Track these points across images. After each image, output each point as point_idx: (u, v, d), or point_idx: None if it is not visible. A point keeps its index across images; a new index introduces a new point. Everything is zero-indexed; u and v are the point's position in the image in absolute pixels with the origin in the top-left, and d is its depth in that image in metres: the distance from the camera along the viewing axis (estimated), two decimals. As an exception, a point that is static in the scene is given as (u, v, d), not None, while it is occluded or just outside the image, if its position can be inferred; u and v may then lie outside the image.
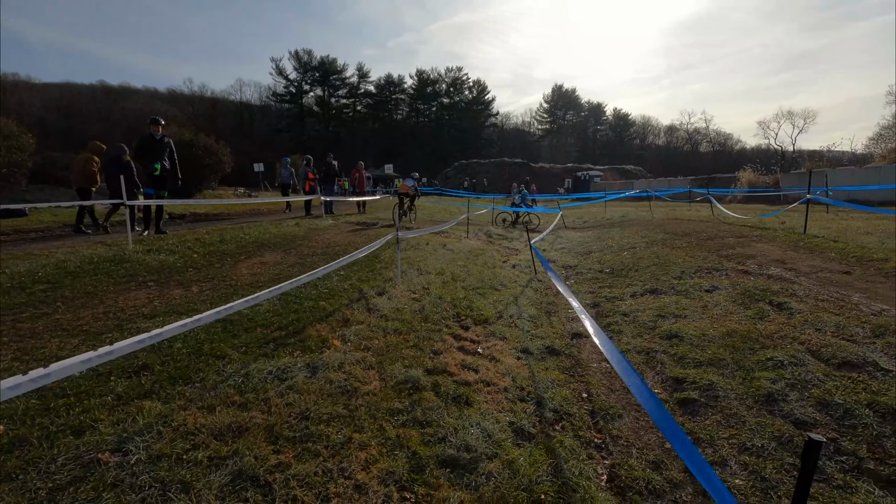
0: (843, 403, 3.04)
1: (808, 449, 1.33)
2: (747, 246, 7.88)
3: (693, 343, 4.38)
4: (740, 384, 3.54)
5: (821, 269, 5.80)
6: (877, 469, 2.54)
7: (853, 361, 3.46)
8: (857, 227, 8.15)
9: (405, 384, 3.62)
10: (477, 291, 6.59)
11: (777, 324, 4.38)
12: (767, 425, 3.04)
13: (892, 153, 16.68)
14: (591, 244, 11.16)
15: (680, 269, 7.01)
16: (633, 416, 3.50)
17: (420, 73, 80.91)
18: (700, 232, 10.24)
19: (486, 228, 13.84)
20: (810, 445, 1.32)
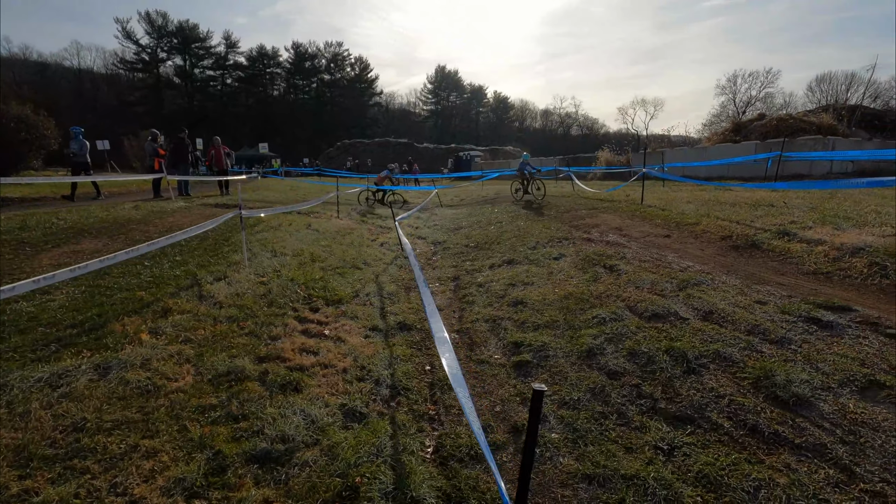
0: (648, 352, 3.31)
1: (534, 398, 1.32)
2: (595, 217, 8.54)
3: (535, 308, 4.56)
4: (568, 343, 3.73)
5: (648, 234, 6.45)
6: (667, 408, 2.79)
7: (660, 313, 3.82)
8: (683, 198, 9.31)
9: (226, 376, 3.24)
10: (336, 272, 6.27)
11: (606, 284, 4.73)
12: (585, 378, 3.21)
13: (715, 136, 19.58)
14: (462, 220, 11.36)
15: (535, 240, 7.36)
16: (470, 384, 3.50)
17: (297, 47, 75.98)
18: (560, 206, 10.93)
19: (359, 208, 13.44)
20: (536, 394, 1.32)
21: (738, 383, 2.84)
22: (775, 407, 2.58)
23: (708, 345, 3.24)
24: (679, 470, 2.32)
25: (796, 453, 2.29)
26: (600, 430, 2.72)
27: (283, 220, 9.48)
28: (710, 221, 6.31)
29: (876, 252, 4.18)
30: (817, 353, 2.94)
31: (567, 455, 2.58)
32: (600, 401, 2.98)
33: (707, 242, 5.65)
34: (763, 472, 2.20)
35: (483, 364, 3.76)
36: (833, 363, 2.81)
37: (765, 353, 3.05)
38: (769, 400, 2.64)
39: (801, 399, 2.57)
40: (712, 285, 4.19)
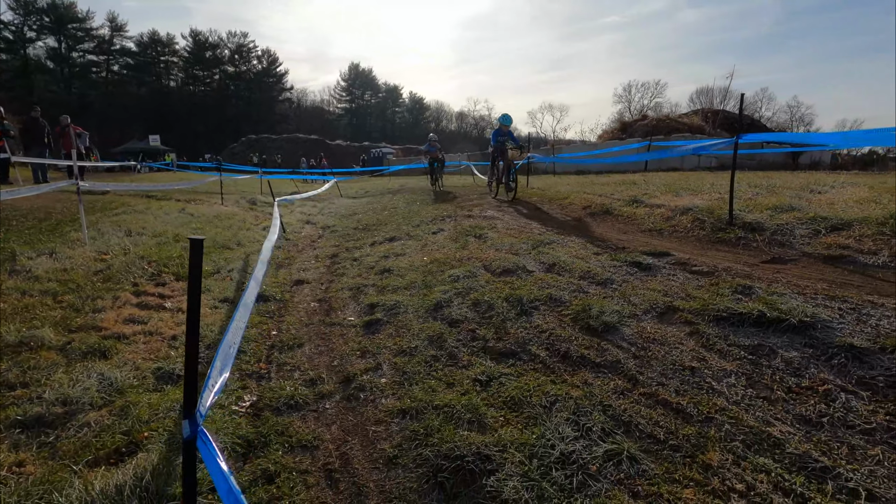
0: (490, 300, 3.38)
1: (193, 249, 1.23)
2: (483, 199, 8.74)
3: (400, 274, 4.51)
4: (420, 300, 3.71)
5: (524, 208, 6.70)
6: (495, 346, 2.84)
7: (510, 268, 3.93)
8: (564, 182, 9.87)
9: (16, 346, 2.81)
10: (202, 251, 5.80)
11: (471, 249, 4.81)
12: (427, 329, 3.20)
13: (606, 134, 21.17)
14: (358, 208, 11.14)
15: (421, 219, 7.36)
16: (315, 344, 3.36)
17: (196, 35, 70.53)
18: (454, 192, 11.09)
19: (252, 196, 12.71)
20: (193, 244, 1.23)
21: (560, 319, 2.96)
22: (587, 335, 2.72)
23: (543, 290, 3.37)
24: (490, 397, 2.35)
25: (595, 371, 2.41)
26: (428, 371, 2.71)
27: (152, 205, 8.66)
28: (577, 196, 6.72)
29: (700, 211, 4.65)
30: (633, 289, 3.16)
31: (390, 396, 2.53)
32: (436, 346, 2.98)
33: (570, 212, 5.99)
34: (563, 389, 2.28)
35: (334, 326, 3.64)
36: (643, 296, 3.03)
37: (589, 293, 3.22)
38: (583, 330, 2.78)
39: (609, 326, 2.73)
40: (562, 244, 4.41)
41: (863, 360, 2.13)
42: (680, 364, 2.32)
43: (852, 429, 1.81)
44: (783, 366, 2.19)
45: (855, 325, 2.37)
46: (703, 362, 2.31)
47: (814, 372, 2.13)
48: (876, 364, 2.09)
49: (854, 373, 2.08)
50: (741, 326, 2.51)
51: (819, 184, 5.81)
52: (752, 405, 1.99)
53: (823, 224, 3.74)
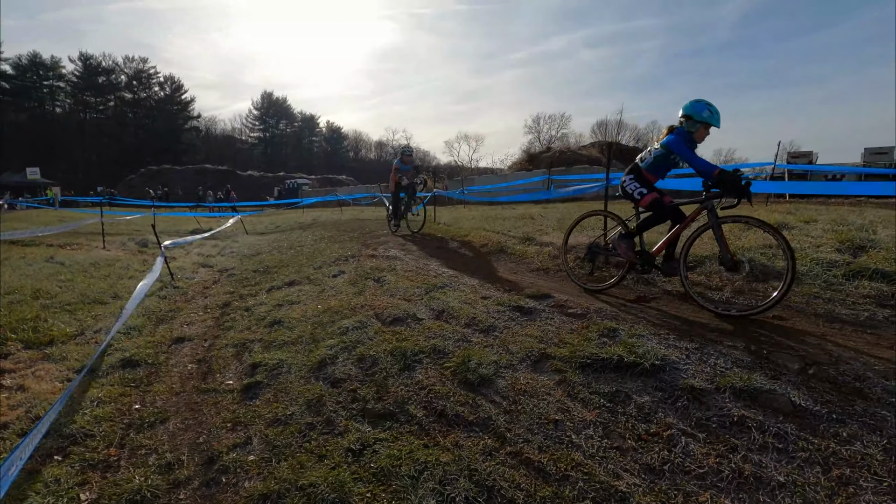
0: (375, 355, 3.29)
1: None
2: (391, 236, 8.70)
3: (290, 326, 4.29)
4: (305, 357, 3.54)
5: (426, 246, 6.75)
6: (374, 408, 2.75)
7: (401, 317, 3.88)
8: (471, 215, 10.17)
9: None
10: (67, 308, 5.18)
11: (367, 295, 4.71)
12: (307, 391, 3.04)
13: (514, 165, 22.32)
14: (264, 247, 10.62)
15: (324, 259, 7.16)
16: (182, 417, 3.05)
17: (86, 59, 64.97)
18: (365, 227, 10.97)
19: (143, 237, 11.68)
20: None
21: (441, 373, 2.95)
22: (464, 390, 2.72)
23: (429, 340, 3.35)
24: (361, 469, 2.24)
25: (467, 430, 2.40)
26: (301, 442, 2.55)
27: (13, 253, 7.65)
28: (476, 233, 6.91)
29: (583, 249, 4.94)
30: (512, 336, 3.24)
31: (255, 477, 2.33)
32: (313, 412, 2.82)
33: (468, 251, 6.12)
34: (434, 454, 2.24)
35: (209, 393, 3.34)
36: (521, 344, 3.10)
37: (472, 343, 3.25)
38: (461, 384, 2.78)
39: (485, 379, 2.76)
40: (454, 287, 4.46)
41: (701, 402, 2.31)
42: (546, 417, 2.38)
43: (688, 474, 1.93)
44: (636, 412, 2.32)
45: (697, 365, 2.58)
46: (567, 413, 2.38)
47: (661, 416, 2.27)
48: (711, 405, 2.28)
49: (694, 415, 2.24)
50: (603, 372, 2.65)
51: (687, 217, 6.46)
52: (606, 457, 2.07)
53: (683, 262, 4.13)
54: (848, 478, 1.79)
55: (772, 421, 2.12)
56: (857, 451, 1.89)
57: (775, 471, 1.88)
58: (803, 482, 1.81)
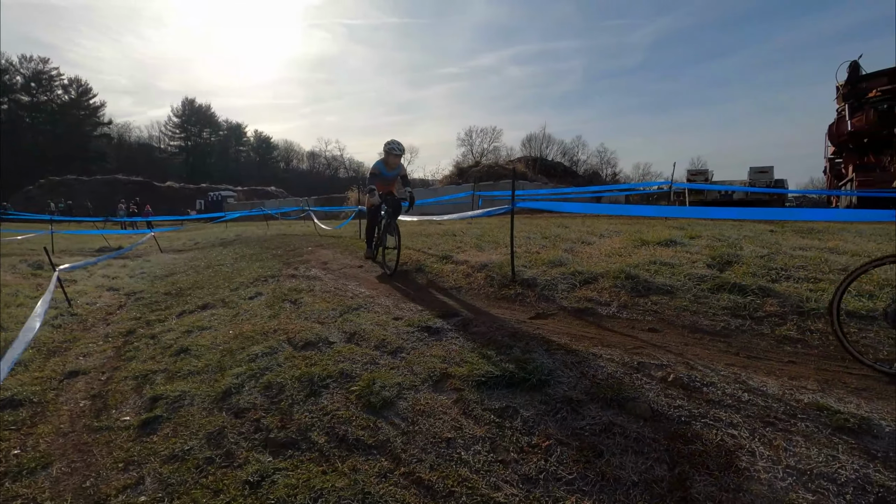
0: (282, 382, 3.29)
1: None
2: (314, 253, 8.61)
3: (198, 354, 4.16)
4: (210, 387, 3.46)
5: (346, 266, 6.77)
6: (276, 437, 2.76)
7: (313, 341, 3.90)
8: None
9: None
10: (-64, 344, 4.64)
11: (282, 319, 4.66)
12: (209, 424, 2.98)
13: (445, 178, 22.78)
14: (179, 266, 10.08)
15: (242, 280, 6.94)
16: (69, 460, 2.89)
17: (-28, 57, 58.36)
18: (290, 244, 10.73)
19: (38, 259, 10.66)
20: None
21: (347, 398, 3.01)
22: (366, 414, 2.81)
23: (338, 364, 3.40)
24: (257, 501, 2.26)
25: (365, 454, 2.48)
26: (197, 478, 2.51)
27: None
28: (399, 251, 7.03)
29: (493, 267, 5.22)
30: (418, 357, 3.37)
31: (145, 519, 2.27)
32: (214, 445, 2.78)
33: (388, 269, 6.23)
34: (331, 480, 2.30)
35: (101, 431, 3.18)
36: (425, 364, 3.24)
37: (380, 365, 3.35)
38: (365, 408, 2.87)
39: (387, 402, 2.86)
40: (369, 308, 4.54)
41: (578, 412, 2.56)
42: (440, 436, 2.52)
43: (559, 481, 2.14)
44: (521, 425, 2.52)
45: (579, 378, 2.84)
46: (459, 431, 2.54)
47: (543, 428, 2.49)
48: (586, 414, 2.53)
49: (571, 424, 2.48)
50: (496, 389, 2.84)
51: (594, 233, 6.98)
52: (490, 471, 2.24)
53: (579, 278, 4.49)
54: (687, 473, 2.08)
55: (633, 426, 2.39)
56: (696, 450, 2.19)
57: (631, 471, 2.13)
58: (652, 479, 2.07)
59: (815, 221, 7.47)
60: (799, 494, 1.90)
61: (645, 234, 6.31)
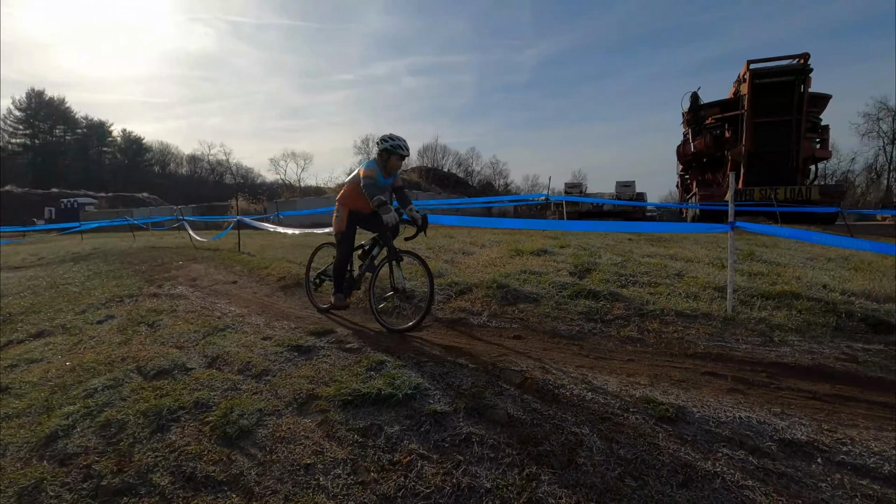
0: (124, 418, 2.93)
1: None
2: (185, 268, 7.86)
3: (20, 393, 3.55)
4: (30, 432, 2.96)
5: (218, 282, 6.28)
6: (110, 484, 2.43)
7: (168, 368, 3.53)
8: (281, 243, 9.77)
9: None
10: None
11: (133, 345, 4.17)
12: (23, 477, 2.54)
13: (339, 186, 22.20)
14: (12, 286, 8.57)
15: (92, 301, 6.10)
16: None
17: None
18: (158, 259, 9.70)
19: None
20: None
21: (200, 430, 2.76)
22: (220, 446, 2.59)
23: (193, 393, 3.11)
24: (76, 562, 1.96)
25: (215, 491, 2.29)
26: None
27: None
28: (278, 265, 6.69)
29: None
30: (285, 379, 3.21)
31: None
32: (28, 501, 2.38)
33: (265, 285, 5.89)
34: (170, 526, 2.08)
35: None
36: (292, 386, 3.09)
37: (241, 391, 3.13)
38: (219, 440, 2.65)
39: (245, 431, 2.67)
40: (238, 328, 4.24)
41: (441, 424, 2.60)
42: (299, 462, 2.41)
43: (417, 496, 2.15)
44: (384, 443, 2.50)
45: (445, 390, 2.91)
46: (320, 455, 2.45)
47: (406, 444, 2.49)
48: (449, 425, 2.59)
49: (433, 438, 2.51)
50: (363, 407, 2.80)
51: (476, 243, 7.26)
52: (349, 494, 2.18)
53: (455, 288, 4.63)
54: (535, 474, 2.21)
55: (491, 433, 2.50)
56: (544, 450, 2.34)
57: (485, 479, 2.22)
58: (504, 485, 2.17)
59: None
60: (625, 482, 2.11)
61: (522, 244, 6.70)
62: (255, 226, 9.41)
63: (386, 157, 4.22)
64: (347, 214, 4.39)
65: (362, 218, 4.39)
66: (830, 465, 2.27)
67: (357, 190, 4.22)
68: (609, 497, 2.04)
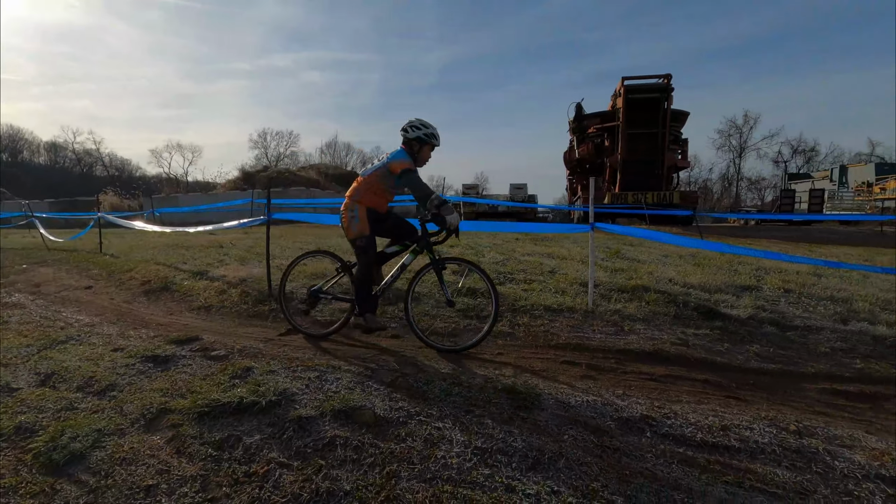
0: (-83, 453, 2.44)
1: None
2: (29, 272, 6.82)
3: None
4: None
5: (68, 288, 5.54)
6: None
7: (-16, 390, 3.01)
8: (154, 243, 8.87)
9: None
10: None
11: (-58, 365, 3.50)
12: None
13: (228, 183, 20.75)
14: None
15: None
16: None
17: None
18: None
19: None
20: None
21: (20, 459, 2.39)
22: (43, 475, 2.26)
23: (15, 418, 2.70)
24: None
25: (29, 528, 2.00)
26: None
27: None
28: (144, 267, 6.06)
29: (253, 282, 4.91)
30: (134, 393, 2.91)
31: None
32: None
33: (126, 290, 5.31)
34: (-35, 575, 1.77)
35: None
36: (142, 401, 2.81)
37: (78, 409, 2.78)
38: (42, 469, 2.31)
39: (76, 455, 2.37)
40: (84, 339, 3.76)
41: (305, 429, 2.53)
42: (139, 485, 2.19)
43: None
44: (241, 454, 2.37)
45: (313, 393, 2.83)
46: (166, 474, 2.25)
47: (265, 453, 2.38)
48: (313, 430, 2.52)
49: (295, 444, 2.43)
50: (221, 418, 2.63)
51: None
52: (194, 513, 2.03)
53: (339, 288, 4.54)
54: (395, 472, 2.23)
55: (356, 434, 2.48)
56: (406, 447, 2.38)
57: (345, 481, 2.19)
58: (363, 485, 2.16)
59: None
60: (480, 471, 2.22)
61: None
62: (121, 224, 8.37)
63: (418, 148, 3.69)
64: (366, 213, 3.67)
65: (378, 218, 3.74)
66: (657, 436, 2.58)
67: (380, 184, 3.66)
68: (463, 486, 2.13)
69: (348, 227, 3.66)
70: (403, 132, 3.68)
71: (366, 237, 3.64)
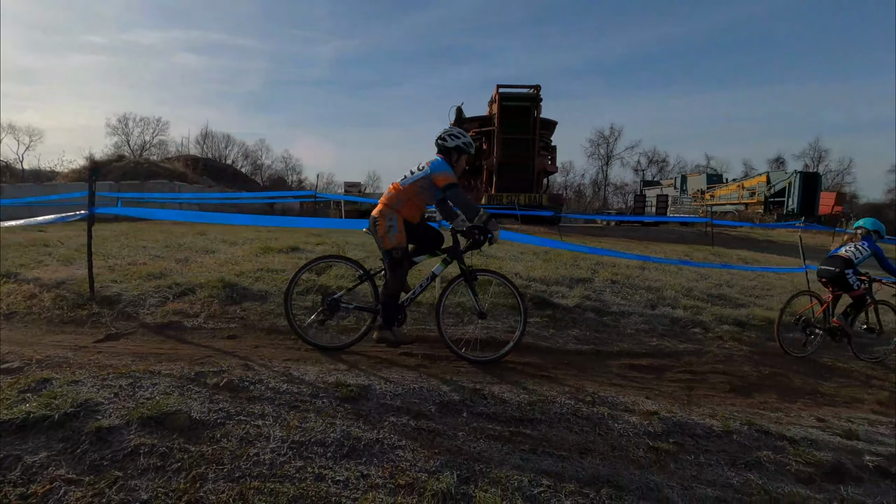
0: None
1: None
2: None
3: None
4: None
5: None
6: None
7: None
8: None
9: None
10: None
11: None
12: None
13: (73, 173, 18.02)
14: None
15: None
16: None
17: None
18: None
19: None
20: None
21: None
22: None
23: None
24: None
25: None
26: None
27: None
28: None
29: (73, 284, 4.39)
30: None
31: None
32: None
33: None
34: None
35: None
36: None
37: None
38: None
39: None
40: None
41: (105, 441, 2.34)
42: None
43: (48, 528, 1.88)
44: (19, 475, 2.13)
45: (123, 401, 2.63)
46: (-89, 508, 1.94)
47: (52, 471, 2.16)
48: (114, 441, 2.35)
49: (89, 458, 2.24)
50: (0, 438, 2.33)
51: (228, 241, 6.78)
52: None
53: (175, 290, 4.25)
54: (202, 474, 2.17)
55: (164, 441, 2.36)
56: (219, 448, 2.32)
57: (144, 491, 2.08)
58: (165, 492, 2.07)
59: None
60: (293, 464, 2.25)
61: (276, 241, 6.53)
62: None
63: (456, 157, 3.69)
64: (404, 224, 3.55)
65: (410, 228, 3.62)
66: (472, 416, 2.83)
67: (421, 195, 3.61)
68: (272, 480, 2.15)
69: (385, 237, 3.51)
70: (442, 141, 3.66)
71: (403, 249, 3.56)
